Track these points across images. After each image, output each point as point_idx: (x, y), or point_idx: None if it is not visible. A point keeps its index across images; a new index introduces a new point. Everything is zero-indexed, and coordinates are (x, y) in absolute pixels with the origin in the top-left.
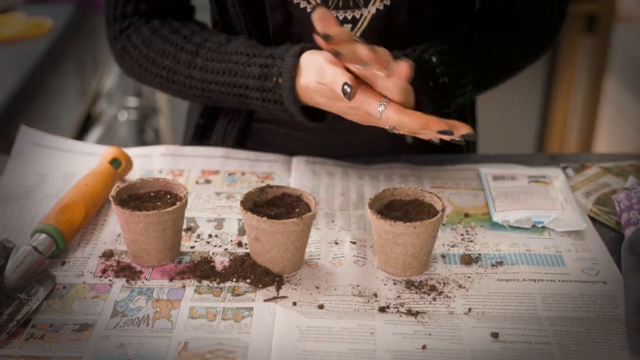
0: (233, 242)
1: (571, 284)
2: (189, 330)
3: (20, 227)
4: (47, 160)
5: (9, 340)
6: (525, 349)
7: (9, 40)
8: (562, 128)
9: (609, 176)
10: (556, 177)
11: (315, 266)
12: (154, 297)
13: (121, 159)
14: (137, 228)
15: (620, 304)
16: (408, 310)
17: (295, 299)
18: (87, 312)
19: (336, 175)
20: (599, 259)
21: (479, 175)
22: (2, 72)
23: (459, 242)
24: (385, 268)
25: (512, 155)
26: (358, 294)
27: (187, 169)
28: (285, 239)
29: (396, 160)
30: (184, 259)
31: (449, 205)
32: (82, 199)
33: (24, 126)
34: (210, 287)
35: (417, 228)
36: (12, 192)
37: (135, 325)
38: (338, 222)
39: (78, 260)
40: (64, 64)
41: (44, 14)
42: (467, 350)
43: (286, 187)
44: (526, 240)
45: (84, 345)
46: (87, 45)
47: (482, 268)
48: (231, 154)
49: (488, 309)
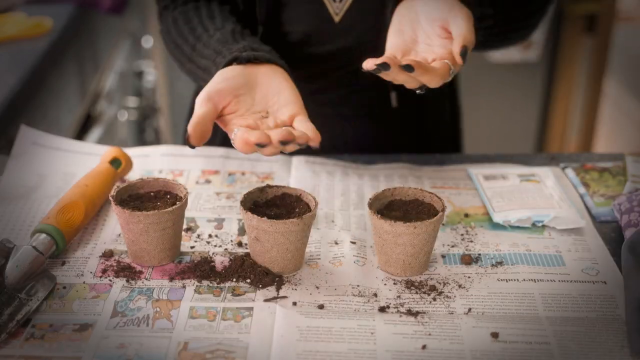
0: (233, 242)
1: (571, 284)
2: (189, 330)
3: (20, 227)
4: (47, 160)
5: (9, 340)
6: (525, 349)
7: (9, 40)
8: (562, 128)
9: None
10: (546, 176)
11: (315, 266)
12: (154, 297)
13: (121, 159)
14: (137, 228)
15: (620, 304)
16: (408, 310)
17: (295, 299)
18: (87, 312)
19: (336, 175)
20: (599, 259)
21: (469, 176)
22: (2, 72)
23: (459, 242)
24: (385, 268)
25: (513, 155)
26: (358, 294)
27: (187, 169)
28: (285, 239)
29: (396, 160)
30: (184, 259)
31: (449, 205)
32: (82, 199)
33: (24, 126)
34: (210, 287)
35: (417, 228)
36: (12, 192)
37: (135, 325)
38: (338, 222)
39: (78, 260)
40: (64, 64)
41: (44, 14)
42: (467, 350)
43: (286, 187)
44: (526, 240)
45: (84, 345)
46: (87, 45)
47: (482, 268)
48: (231, 154)
49: (488, 309)
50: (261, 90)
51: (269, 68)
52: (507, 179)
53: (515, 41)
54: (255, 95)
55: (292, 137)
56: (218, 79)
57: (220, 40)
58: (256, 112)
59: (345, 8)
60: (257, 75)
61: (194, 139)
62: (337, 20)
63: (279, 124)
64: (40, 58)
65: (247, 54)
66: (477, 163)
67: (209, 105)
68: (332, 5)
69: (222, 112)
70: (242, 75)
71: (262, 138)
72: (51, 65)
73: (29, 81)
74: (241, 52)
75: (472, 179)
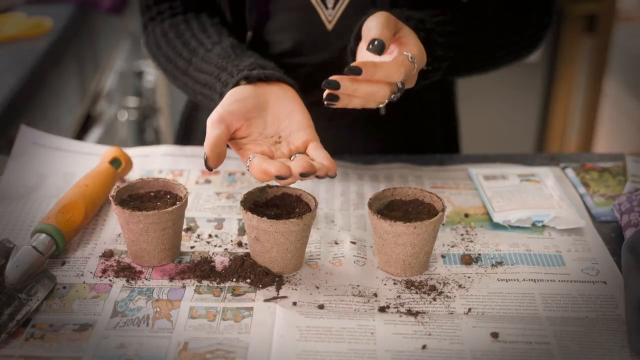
0: (233, 242)
1: (571, 284)
2: (189, 330)
3: (20, 227)
4: (47, 160)
5: (9, 340)
6: (525, 349)
7: (9, 40)
8: (562, 128)
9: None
10: (546, 176)
11: (315, 266)
12: (154, 297)
13: (121, 159)
14: (137, 228)
15: (620, 304)
16: (408, 310)
17: (295, 299)
18: (87, 312)
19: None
20: (599, 259)
21: (470, 176)
22: (2, 72)
23: (459, 242)
24: (385, 268)
25: (513, 155)
26: (358, 294)
27: (187, 169)
28: (285, 239)
29: (396, 160)
30: (184, 259)
31: (449, 205)
32: (82, 199)
33: (24, 126)
34: (210, 287)
35: (417, 228)
36: (12, 192)
37: (135, 325)
38: (338, 222)
39: (78, 260)
40: (64, 64)
41: (44, 14)
42: (467, 350)
43: (286, 187)
44: (526, 240)
45: (84, 345)
46: (87, 45)
47: (482, 268)
48: (231, 154)
49: (488, 309)
50: (272, 112)
51: (279, 88)
52: (507, 179)
53: (521, 53)
54: (267, 118)
55: (313, 170)
56: (229, 100)
57: (222, 55)
58: (268, 137)
59: (338, 15)
60: (268, 96)
61: (211, 161)
62: (329, 28)
63: (293, 150)
64: (40, 58)
65: (257, 72)
66: (477, 163)
67: (221, 127)
68: (324, 12)
69: (234, 135)
70: (253, 97)
71: (282, 170)
72: (51, 65)
73: (29, 81)
74: (250, 70)
75: (472, 179)
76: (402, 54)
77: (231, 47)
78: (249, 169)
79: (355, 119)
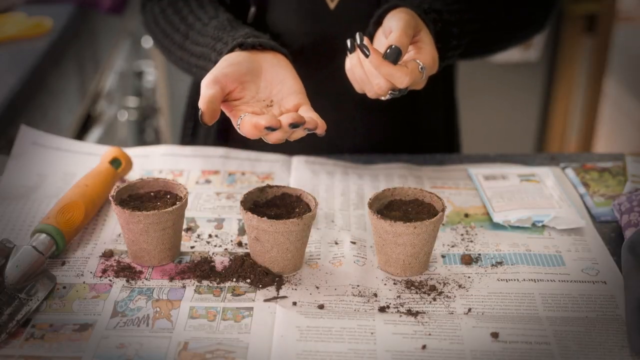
0: (233, 242)
1: (571, 284)
2: (189, 330)
3: (20, 227)
4: (47, 160)
5: (9, 340)
6: (525, 349)
7: (9, 40)
8: (562, 128)
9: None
10: (546, 176)
11: (315, 266)
12: (154, 297)
13: (121, 159)
14: (137, 228)
15: (620, 304)
16: (408, 310)
17: (295, 299)
18: (87, 312)
19: (336, 175)
20: (599, 259)
21: (470, 176)
22: (2, 72)
23: (459, 242)
24: (385, 268)
25: (513, 155)
26: (358, 294)
27: (187, 169)
28: (285, 239)
29: (396, 160)
30: (184, 259)
31: (449, 205)
32: (82, 199)
33: (24, 126)
34: (210, 287)
35: (417, 228)
36: (12, 192)
37: (135, 325)
38: (338, 222)
39: (78, 260)
40: (64, 64)
41: (44, 14)
42: (467, 350)
43: (286, 187)
44: (526, 240)
45: (84, 345)
46: (87, 45)
47: (482, 268)
48: (231, 154)
49: (488, 309)
50: (265, 78)
51: (272, 55)
52: (507, 179)
53: (522, 36)
54: (259, 83)
55: (302, 120)
56: (224, 63)
57: (218, 27)
58: (261, 100)
59: None
60: (261, 63)
61: (206, 116)
62: (332, 7)
63: (284, 112)
64: (40, 58)
65: (251, 40)
66: (477, 163)
67: (216, 88)
68: None
69: (227, 97)
70: (247, 62)
71: (272, 121)
72: (51, 65)
73: (29, 81)
74: (245, 38)
75: (472, 179)
76: (413, 62)
77: (227, 21)
78: (240, 128)
79: (359, 103)
